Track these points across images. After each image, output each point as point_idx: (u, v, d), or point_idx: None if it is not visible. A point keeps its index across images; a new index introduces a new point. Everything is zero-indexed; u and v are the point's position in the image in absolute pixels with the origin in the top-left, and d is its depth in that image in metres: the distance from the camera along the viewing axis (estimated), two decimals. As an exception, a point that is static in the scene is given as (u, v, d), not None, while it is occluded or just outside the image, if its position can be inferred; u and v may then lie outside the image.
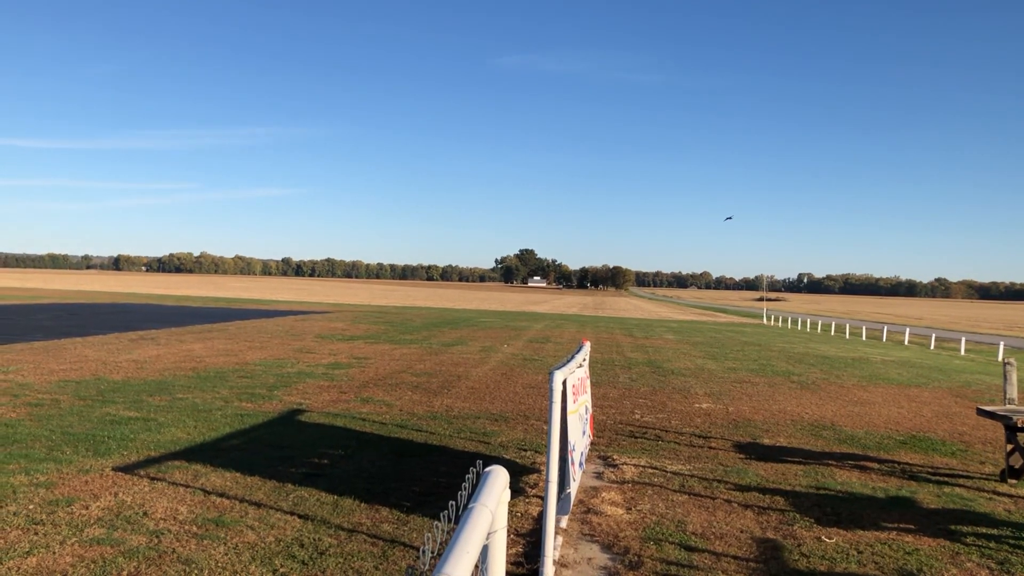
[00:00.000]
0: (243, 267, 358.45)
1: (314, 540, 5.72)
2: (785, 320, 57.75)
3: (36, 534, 5.61)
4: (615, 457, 8.98)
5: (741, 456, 9.31)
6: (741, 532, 6.33)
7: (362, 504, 6.66)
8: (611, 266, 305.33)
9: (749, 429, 11.14)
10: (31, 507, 6.22)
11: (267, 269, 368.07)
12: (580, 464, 6.82)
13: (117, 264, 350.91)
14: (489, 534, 2.19)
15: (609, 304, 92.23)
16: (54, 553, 5.26)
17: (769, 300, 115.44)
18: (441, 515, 2.22)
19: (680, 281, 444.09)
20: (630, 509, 6.90)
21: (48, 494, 6.59)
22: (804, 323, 53.07)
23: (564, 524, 6.33)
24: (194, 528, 5.87)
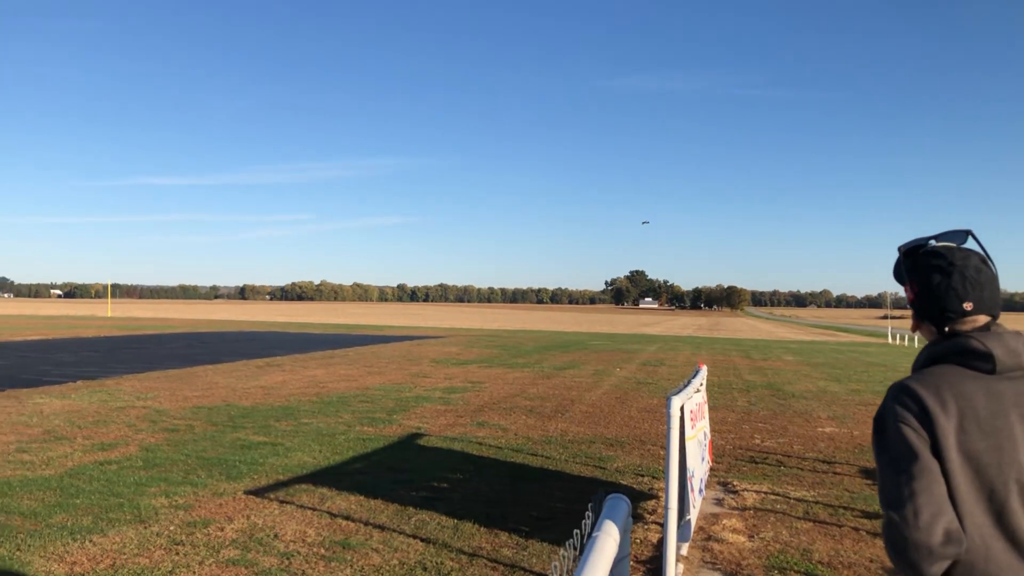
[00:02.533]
0: (361, 294, 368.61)
1: (436, 564, 5.84)
2: (912, 339, 55.27)
3: (177, 554, 5.93)
4: (735, 483, 8.80)
5: (868, 482, 8.97)
6: (871, 562, 6.11)
7: (481, 528, 6.75)
8: (725, 286, 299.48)
9: (876, 454, 10.71)
10: (172, 528, 6.58)
11: (383, 295, 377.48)
12: (700, 490, 6.73)
13: (243, 293, 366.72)
14: (615, 562, 2.21)
15: (724, 325, 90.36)
16: (193, 572, 5.54)
17: (894, 318, 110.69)
18: (567, 543, 2.27)
19: (798, 300, 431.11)
20: (752, 536, 6.76)
21: (186, 516, 6.96)
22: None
23: (684, 551, 6.25)
24: (322, 550, 6.08)
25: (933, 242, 2.08)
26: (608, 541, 2.17)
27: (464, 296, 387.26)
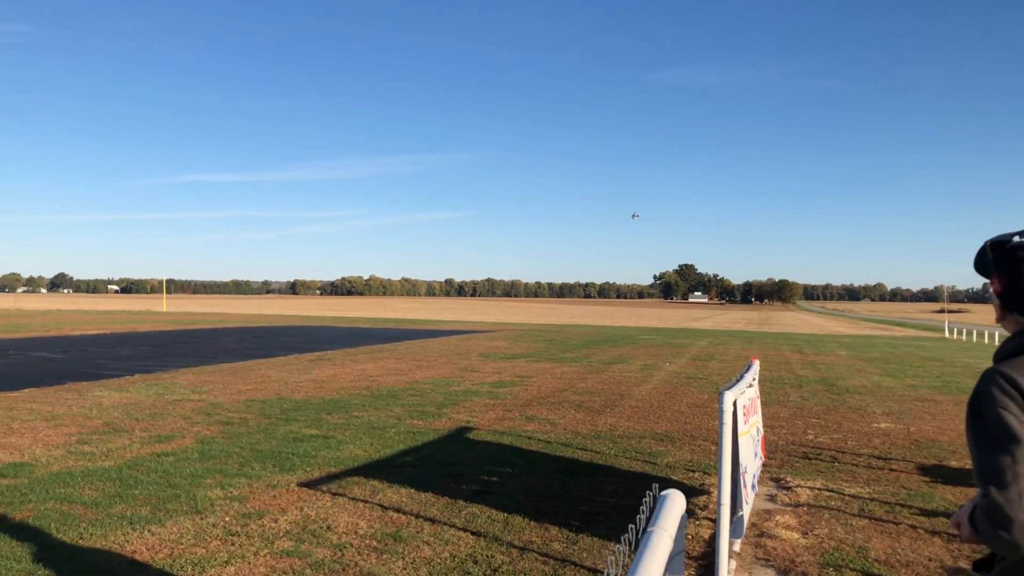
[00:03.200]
0: (409, 288, 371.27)
1: (487, 557, 5.85)
2: (969, 333, 53.98)
3: (232, 545, 6.03)
4: (788, 479, 8.68)
5: (926, 479, 8.78)
6: (929, 560, 5.98)
7: (531, 522, 6.75)
8: (776, 279, 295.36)
9: (933, 450, 10.49)
10: (227, 519, 6.70)
11: (431, 290, 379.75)
12: (752, 486, 6.66)
13: (294, 288, 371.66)
14: (669, 557, 2.19)
15: (775, 319, 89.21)
16: (249, 563, 5.64)
17: (951, 312, 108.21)
18: (622, 538, 2.25)
19: (851, 294, 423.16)
20: (806, 533, 6.66)
21: (241, 507, 7.08)
22: (992, 336, 49.43)
23: (737, 548, 6.18)
24: (374, 542, 6.14)
25: (1018, 238, 2.19)
26: (663, 537, 2.15)
27: (511, 290, 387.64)
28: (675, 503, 2.46)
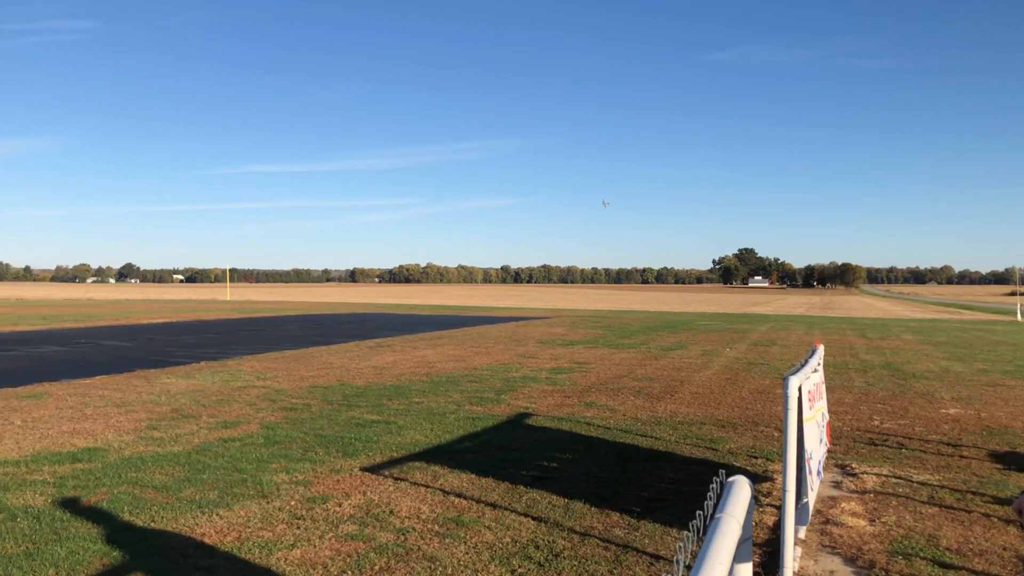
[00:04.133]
0: (466, 276, 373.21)
1: (548, 542, 5.86)
2: (1043, 317, 52.19)
3: (298, 528, 6.14)
4: (854, 466, 8.51)
5: (998, 467, 8.53)
6: (1004, 550, 5.81)
7: (592, 508, 6.74)
8: (839, 263, 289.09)
9: (1006, 437, 10.18)
10: (292, 503, 6.82)
11: (488, 277, 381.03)
12: (818, 473, 6.54)
13: (353, 276, 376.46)
14: (737, 544, 2.16)
15: (838, 303, 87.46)
16: (314, 547, 5.73)
17: (1023, 294, 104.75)
18: (690, 524, 2.23)
19: (917, 276, 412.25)
20: (873, 521, 6.52)
21: (306, 492, 7.20)
22: (1067, 320, 47.71)
23: (802, 535, 6.09)
24: (436, 527, 6.19)
25: None
26: (731, 523, 2.12)
27: (567, 276, 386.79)
28: (742, 489, 2.43)
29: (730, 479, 2.50)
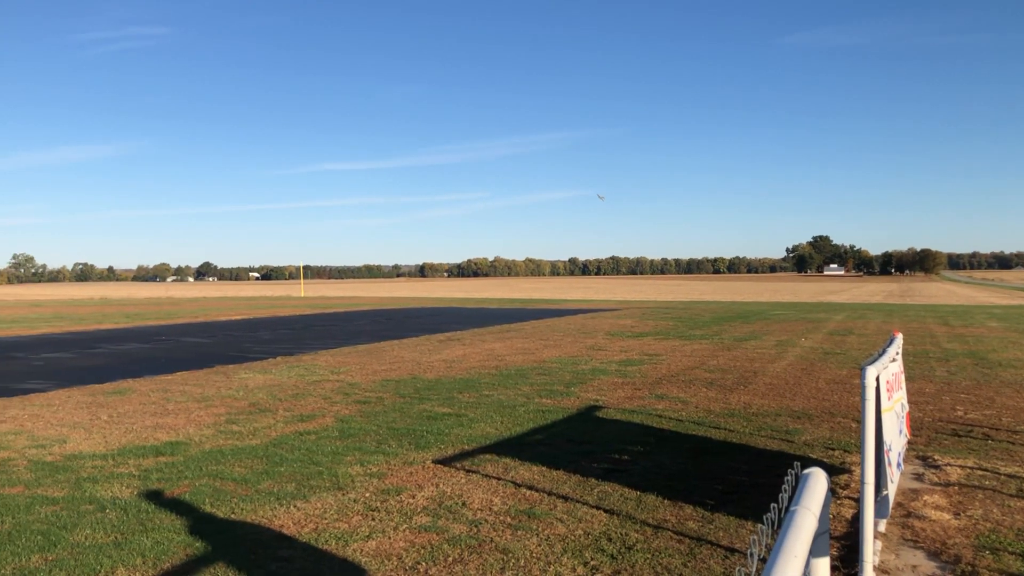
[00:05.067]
0: (533, 269, 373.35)
1: (621, 535, 5.84)
2: None
3: (373, 520, 6.24)
4: (936, 457, 8.26)
5: (1092, 459, 8.18)
6: (1098, 546, 5.56)
7: (665, 501, 6.69)
8: (918, 249, 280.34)
9: (1100, 428, 9.75)
10: (367, 495, 6.93)
11: (555, 270, 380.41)
12: (897, 465, 6.37)
13: (422, 271, 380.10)
14: (814, 537, 2.12)
15: (918, 290, 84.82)
16: (389, 538, 5.82)
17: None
18: (765, 517, 2.19)
19: (1002, 262, 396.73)
20: (958, 514, 6.32)
21: (380, 483, 7.31)
22: None
23: (882, 528, 5.93)
24: (508, 519, 6.22)
25: None
26: (807, 516, 2.08)
27: (636, 268, 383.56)
28: (818, 481, 2.38)
29: (805, 471, 2.45)
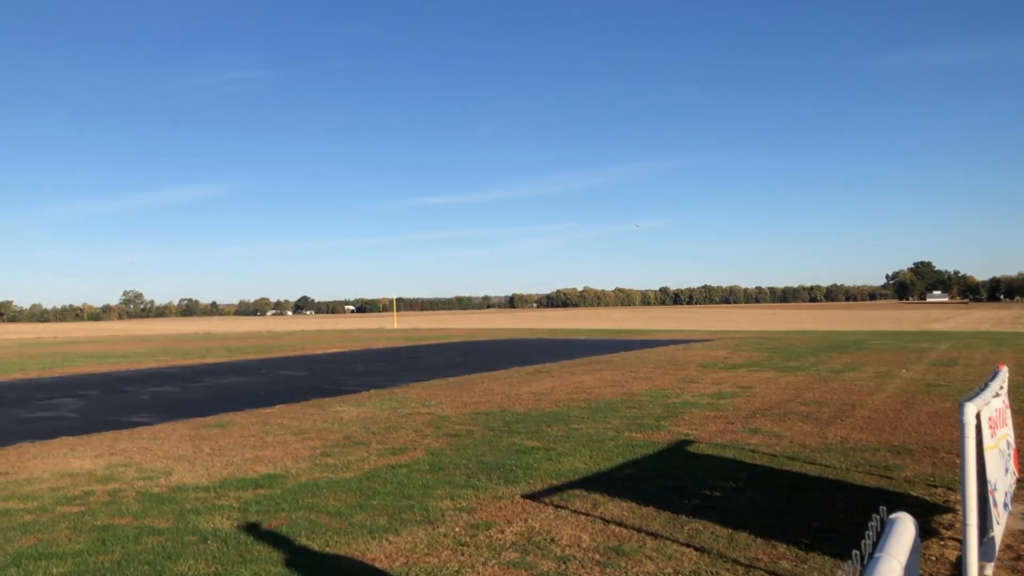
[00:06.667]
0: (623, 298, 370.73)
1: (712, 573, 5.75)
2: None
3: (463, 555, 6.31)
4: (1049, 497, 7.86)
5: None
6: None
7: (757, 539, 6.56)
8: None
9: None
10: (457, 529, 7.01)
11: (646, 299, 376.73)
12: (1005, 505, 6.10)
13: (512, 302, 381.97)
14: (900, 586, 2.08)
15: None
16: (478, 573, 5.87)
17: None
18: (846, 562, 2.16)
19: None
20: (1072, 559, 6.00)
21: (469, 518, 7.38)
22: None
23: (989, 572, 5.68)
24: (596, 556, 6.20)
25: None
26: (892, 564, 2.05)
27: (730, 297, 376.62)
28: (905, 527, 2.33)
29: (892, 516, 2.40)
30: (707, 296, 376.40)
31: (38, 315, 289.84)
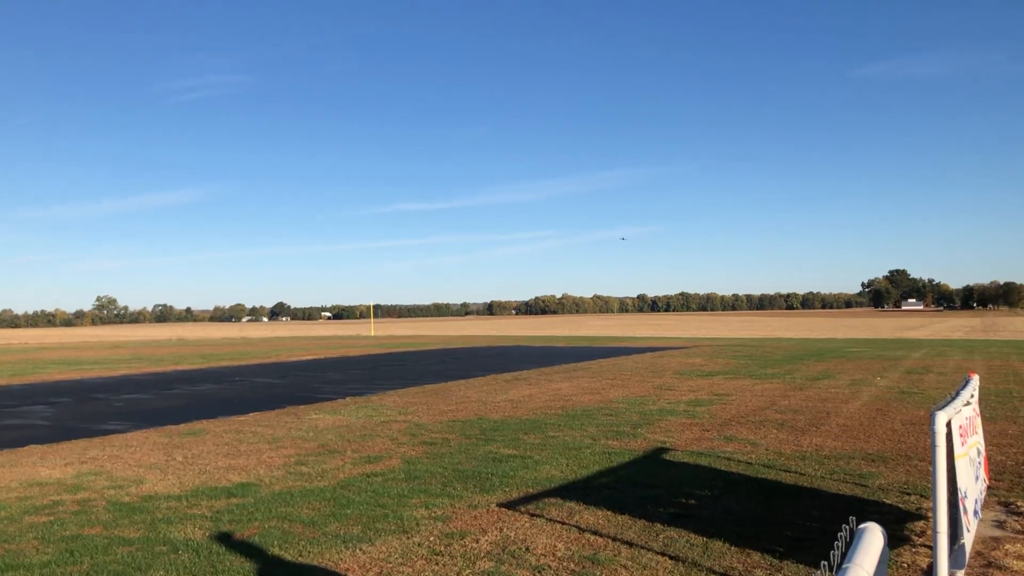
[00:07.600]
0: (601, 305, 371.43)
1: (685, 583, 5.75)
2: None
3: (436, 564, 6.27)
4: (1019, 504, 7.94)
5: None
6: None
7: (732, 547, 6.57)
8: (1001, 282, 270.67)
9: None
10: (431, 539, 6.97)
11: (624, 306, 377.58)
12: (975, 512, 6.14)
13: (490, 309, 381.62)
14: (868, 597, 2.09)
15: (1002, 325, 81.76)
16: (452, 582, 5.83)
17: None
18: (815, 574, 2.16)
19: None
20: (1042, 566, 6.05)
21: (444, 527, 7.34)
22: None
23: (960, 579, 5.72)
24: (571, 565, 6.18)
25: None
26: (859, 574, 2.05)
27: (707, 304, 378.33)
28: (873, 537, 2.34)
29: (861, 526, 2.41)
30: (684, 303, 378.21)
31: (9, 320, 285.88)
